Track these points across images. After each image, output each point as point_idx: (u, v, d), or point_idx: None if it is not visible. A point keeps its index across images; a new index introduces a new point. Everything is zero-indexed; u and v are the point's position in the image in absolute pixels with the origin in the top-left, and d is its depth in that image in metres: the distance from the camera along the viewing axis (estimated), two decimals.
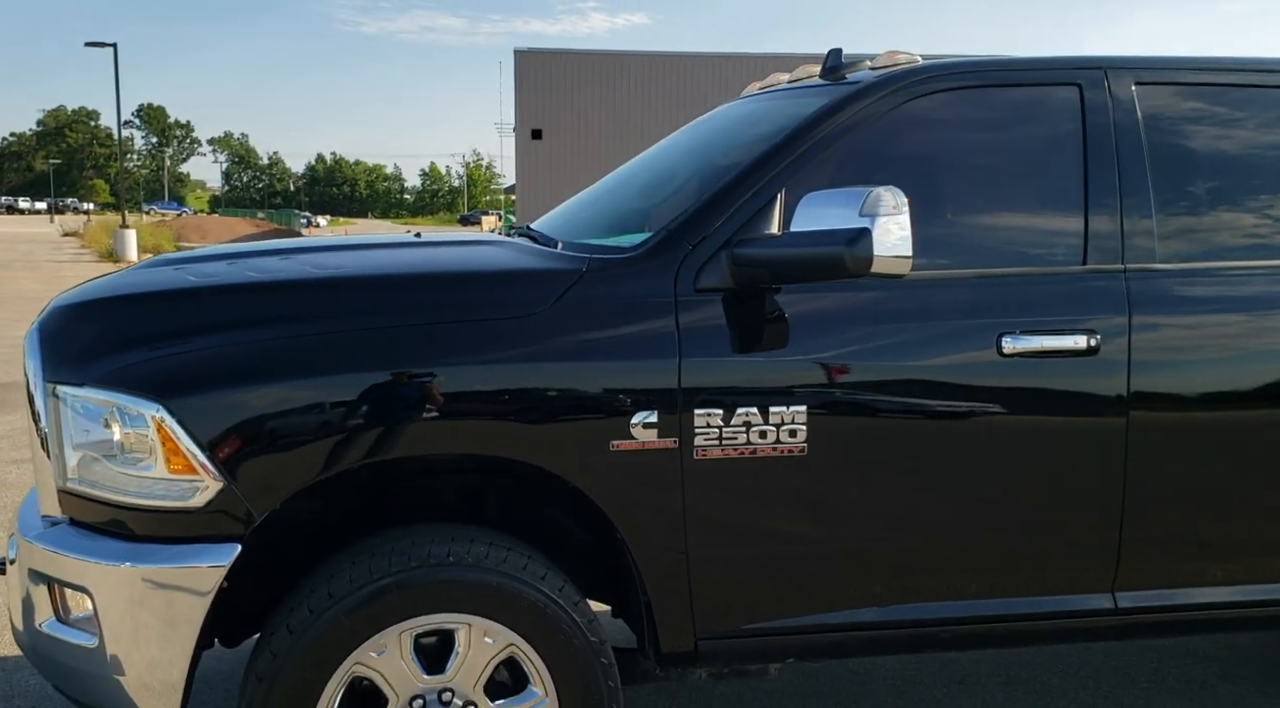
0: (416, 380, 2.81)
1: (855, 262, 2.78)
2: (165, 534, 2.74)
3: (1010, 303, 3.20)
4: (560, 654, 2.94)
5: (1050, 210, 3.38)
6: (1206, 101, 3.52)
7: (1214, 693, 4.30)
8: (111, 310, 2.98)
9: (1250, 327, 3.32)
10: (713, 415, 2.96)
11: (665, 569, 3.04)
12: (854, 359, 3.10)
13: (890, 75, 3.34)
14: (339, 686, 2.81)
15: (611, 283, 3.04)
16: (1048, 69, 3.46)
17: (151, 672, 2.75)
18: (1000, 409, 3.17)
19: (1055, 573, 3.30)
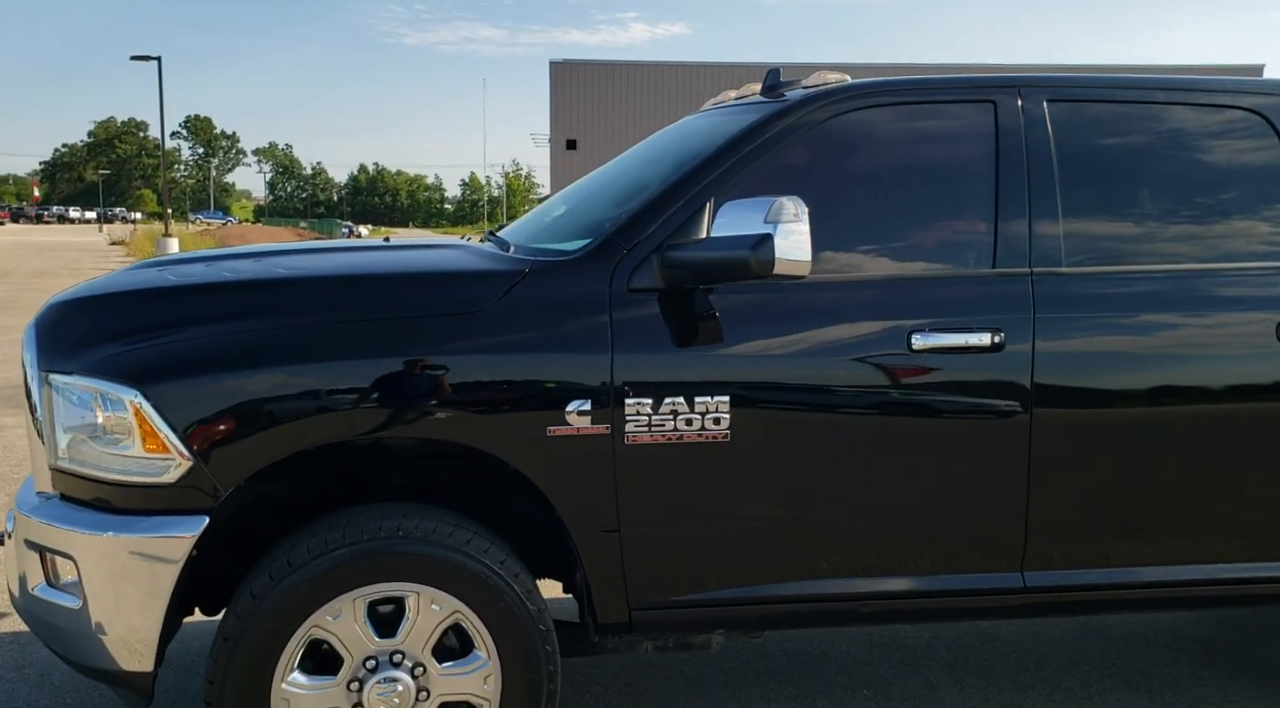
0: (366, 371, 3.11)
1: (759, 264, 3.06)
2: (142, 507, 3.06)
3: (921, 303, 3.46)
4: (502, 621, 3.22)
5: (963, 217, 3.65)
6: (1112, 117, 3.78)
7: (1151, 678, 4.53)
8: (98, 307, 3.30)
9: (1146, 325, 3.56)
10: (643, 404, 3.24)
11: (600, 546, 3.32)
12: (774, 354, 3.37)
13: (814, 94, 3.62)
14: (298, 645, 3.11)
15: (551, 283, 3.33)
16: (964, 87, 3.72)
17: (129, 631, 3.07)
18: (911, 401, 3.44)
19: (967, 553, 3.55)
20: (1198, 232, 3.75)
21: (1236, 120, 3.79)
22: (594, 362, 3.23)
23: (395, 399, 3.13)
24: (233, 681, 3.07)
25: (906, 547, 3.53)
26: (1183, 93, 3.83)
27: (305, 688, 3.13)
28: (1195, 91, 3.83)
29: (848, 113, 3.61)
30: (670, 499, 3.34)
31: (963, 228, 3.65)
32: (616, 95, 43.72)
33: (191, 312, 3.22)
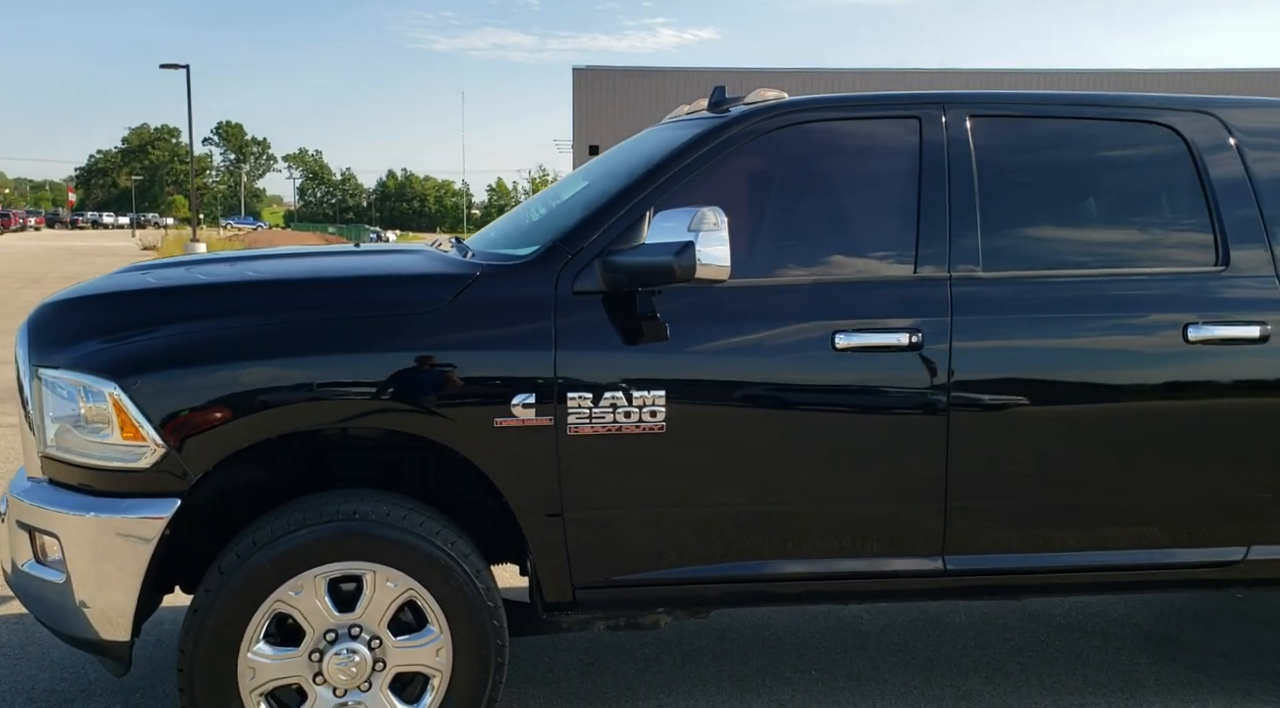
0: (323, 367, 3.39)
1: (682, 269, 3.34)
2: (120, 490, 3.35)
3: (845, 304, 3.72)
4: (453, 599, 3.50)
5: (888, 225, 3.90)
6: (1032, 132, 4.03)
7: (1088, 663, 4.76)
8: (83, 307, 3.61)
9: (1060, 326, 3.80)
10: (584, 398, 3.51)
11: (544, 530, 3.59)
12: (708, 352, 3.64)
13: (749, 110, 3.89)
14: (263, 618, 3.39)
15: (500, 286, 3.61)
16: (892, 104, 3.99)
17: (107, 603, 3.36)
18: (835, 396, 3.70)
19: (890, 538, 3.80)
20: (1111, 239, 4.01)
21: (1152, 135, 4.02)
22: (538, 358, 3.50)
23: (350, 392, 3.41)
24: (202, 650, 3.35)
25: (834, 532, 3.78)
26: (1100, 108, 4.08)
27: (269, 658, 3.41)
28: (1112, 107, 4.08)
29: (781, 128, 3.87)
30: (610, 486, 3.60)
31: (887, 235, 3.90)
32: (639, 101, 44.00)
33: (167, 312, 3.51)
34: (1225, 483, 3.87)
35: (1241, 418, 3.84)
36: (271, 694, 3.46)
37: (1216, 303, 3.84)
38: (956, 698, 4.39)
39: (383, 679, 3.50)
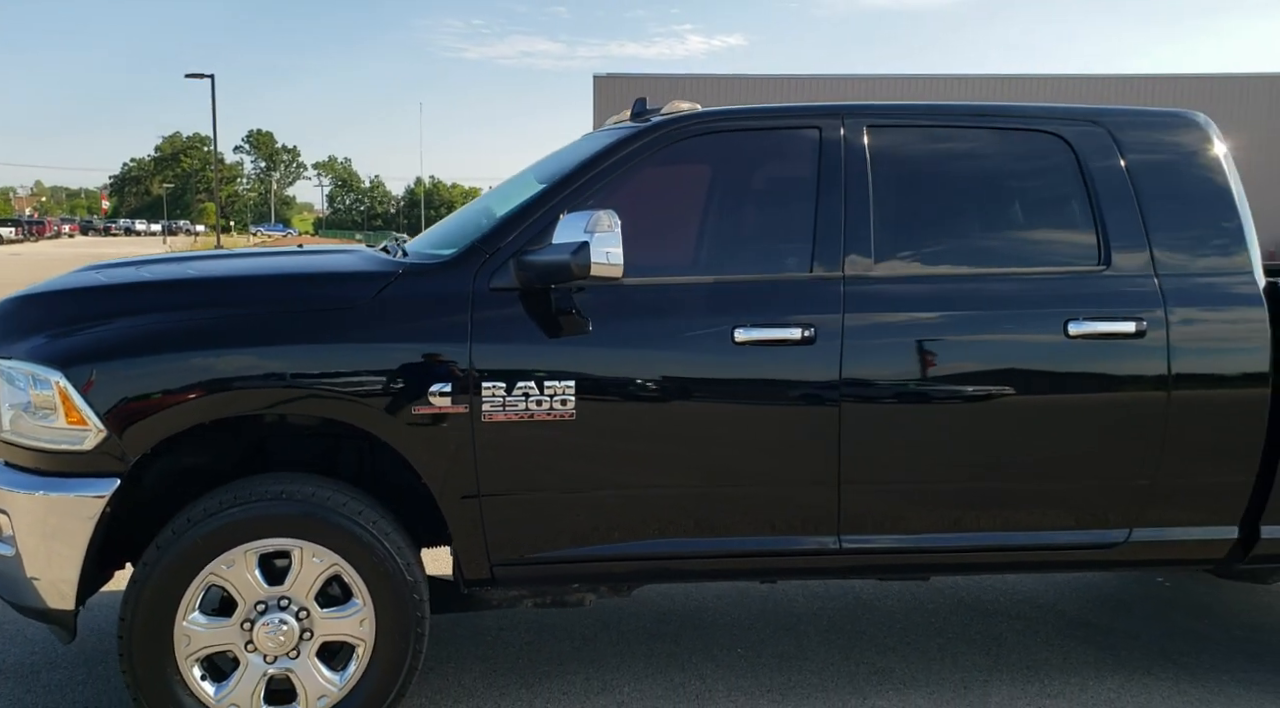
0: (252, 358, 3.69)
1: (578, 267, 3.62)
2: (65, 471, 3.65)
3: (745, 301, 3.98)
4: (374, 574, 3.78)
5: (787, 227, 4.17)
6: (926, 140, 4.29)
7: (1002, 643, 5.01)
8: (36, 303, 3.92)
9: (948, 322, 4.05)
10: (498, 387, 3.79)
11: (462, 510, 3.88)
12: (617, 344, 3.91)
13: (661, 121, 4.16)
14: (197, 590, 3.68)
15: (421, 283, 3.90)
16: (793, 115, 4.26)
17: (54, 575, 3.66)
18: (735, 386, 3.96)
19: (789, 519, 4.06)
20: (1001, 240, 4.26)
21: (1042, 143, 4.27)
22: (454, 350, 3.78)
23: (277, 381, 3.70)
24: (140, 619, 3.65)
25: (735, 512, 4.04)
26: (993, 118, 4.33)
27: (203, 627, 3.71)
28: (1004, 117, 4.33)
29: (690, 137, 4.15)
30: (522, 470, 3.88)
31: (787, 237, 4.17)
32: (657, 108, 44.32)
33: (111, 307, 3.82)
34: (1105, 470, 4.11)
35: (1119, 409, 4.08)
36: (207, 660, 3.75)
37: (1097, 300, 4.08)
38: (869, 673, 4.64)
39: (310, 648, 3.78)
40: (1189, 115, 4.39)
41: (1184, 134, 4.34)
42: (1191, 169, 4.28)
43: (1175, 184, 4.25)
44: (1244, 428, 4.12)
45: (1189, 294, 4.10)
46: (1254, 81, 43.18)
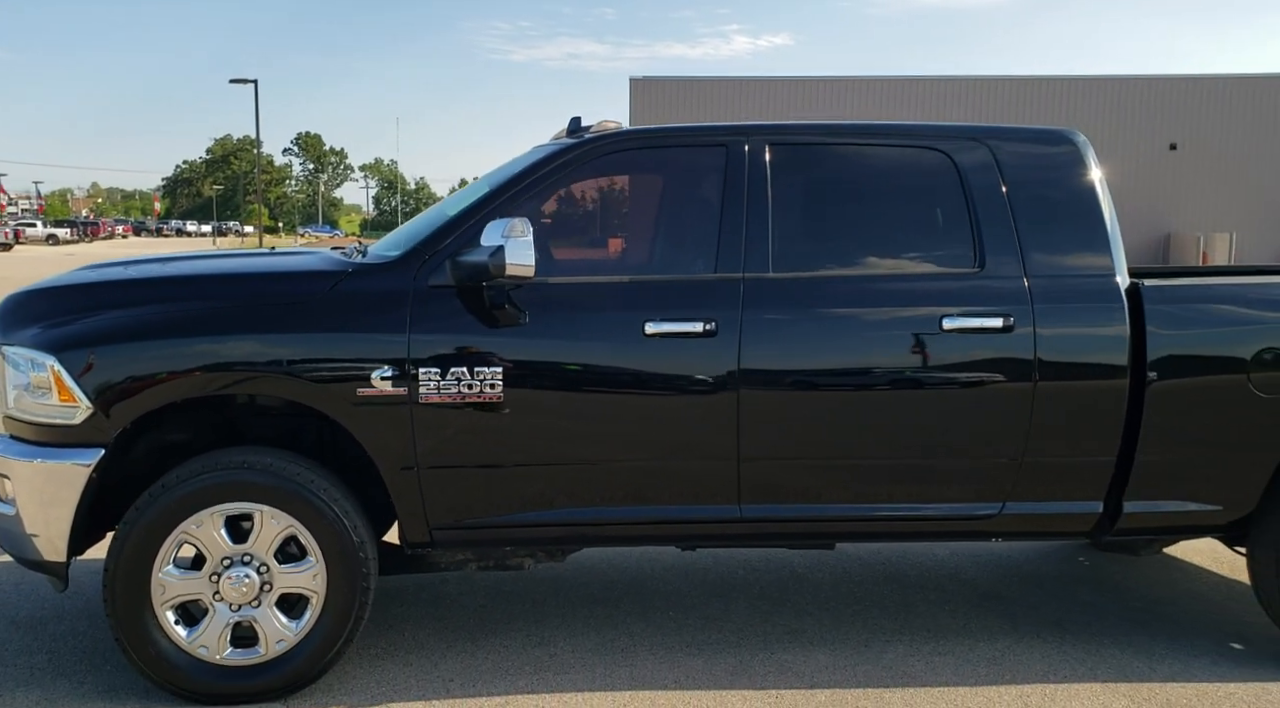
0: (218, 344, 4.28)
1: (495, 267, 4.18)
2: (58, 442, 4.26)
3: (655, 298, 4.52)
4: (325, 534, 4.35)
5: (695, 234, 4.71)
6: (822, 157, 4.82)
7: (913, 611, 5.52)
8: (37, 297, 4.52)
9: (836, 317, 4.57)
10: (433, 372, 4.35)
11: (402, 480, 4.44)
12: (541, 335, 4.45)
13: (586, 139, 4.71)
14: (171, 546, 4.26)
15: (368, 281, 4.47)
16: (704, 134, 4.81)
17: (48, 530, 4.26)
18: (646, 374, 4.50)
19: (696, 490, 4.58)
20: (888, 245, 4.76)
21: (928, 159, 4.77)
22: (395, 340, 4.35)
23: (239, 366, 4.28)
24: (121, 571, 4.24)
25: (649, 484, 4.57)
26: (882, 136, 4.86)
27: (176, 578, 4.29)
28: (894, 136, 4.85)
29: (610, 153, 4.70)
30: (455, 445, 4.43)
31: (694, 241, 4.71)
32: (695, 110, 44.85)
33: (99, 301, 4.43)
34: (979, 450, 4.61)
35: (988, 395, 4.58)
36: (181, 607, 4.33)
37: (970, 299, 4.58)
38: (783, 633, 5.16)
39: (270, 598, 4.36)
40: (1065, 133, 4.89)
41: (1059, 151, 4.84)
42: (1063, 182, 4.77)
43: (1047, 196, 4.74)
44: (1105, 413, 4.60)
45: (1055, 293, 4.59)
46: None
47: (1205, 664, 4.85)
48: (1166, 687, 4.61)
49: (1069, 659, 4.88)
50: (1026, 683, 4.63)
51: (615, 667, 4.75)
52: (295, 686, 4.41)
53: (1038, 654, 4.94)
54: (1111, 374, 4.59)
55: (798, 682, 4.62)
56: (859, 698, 4.46)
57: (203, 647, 4.31)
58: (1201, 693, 4.55)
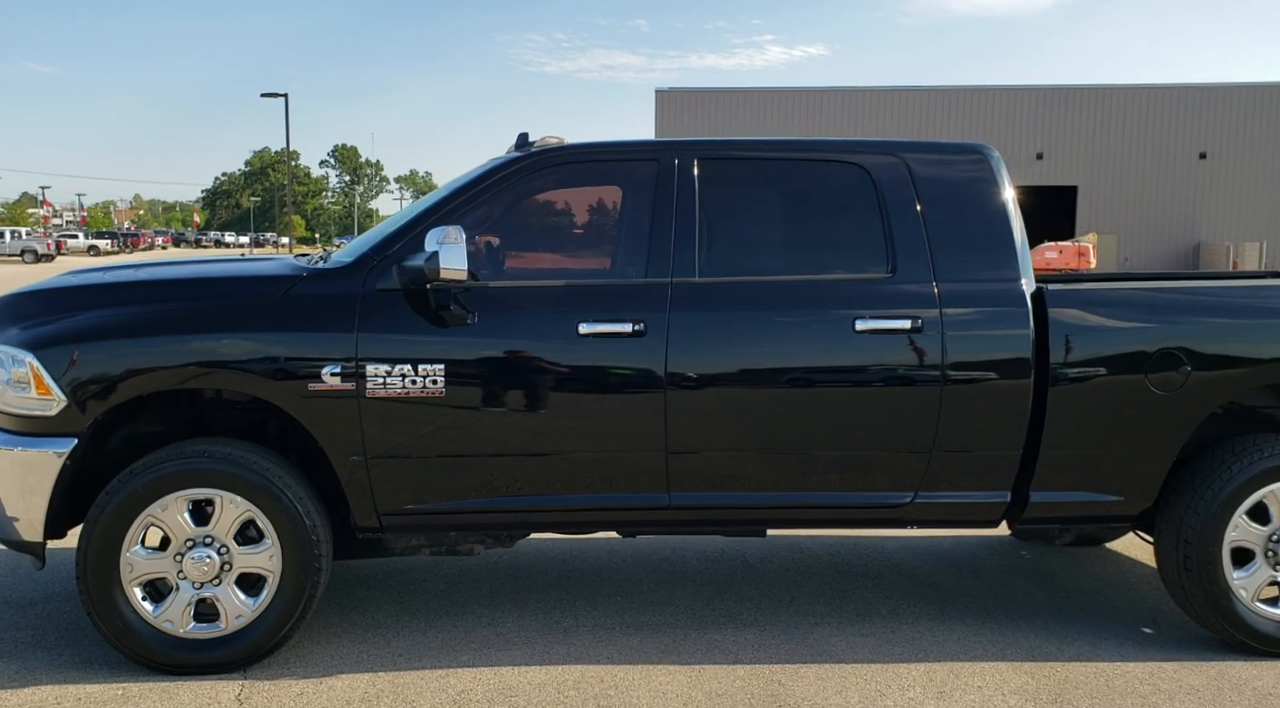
0: (181, 343, 4.66)
1: (430, 271, 4.55)
2: (36, 432, 4.65)
3: (588, 300, 4.87)
4: (281, 519, 4.72)
5: (628, 241, 5.06)
6: (747, 170, 5.18)
7: (848, 596, 5.83)
8: (19, 300, 4.93)
9: (757, 319, 4.90)
10: (379, 369, 4.71)
11: (351, 469, 4.81)
12: (481, 334, 4.80)
13: (526, 153, 5.08)
14: (139, 529, 4.65)
15: (320, 285, 4.85)
16: (637, 149, 5.16)
17: (26, 513, 4.66)
18: (579, 371, 4.84)
19: (627, 478, 4.92)
20: (807, 252, 5.10)
21: (846, 172, 5.10)
22: (344, 339, 4.72)
23: (199, 363, 4.66)
24: (92, 551, 4.62)
25: (583, 474, 4.91)
26: (804, 150, 5.20)
27: (143, 558, 4.68)
28: (814, 150, 5.19)
29: (548, 167, 5.06)
30: (400, 437, 4.79)
31: (627, 248, 5.06)
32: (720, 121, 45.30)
33: (76, 303, 4.83)
34: (891, 442, 4.93)
35: (899, 392, 4.90)
36: (149, 585, 4.72)
37: (881, 302, 4.90)
38: (719, 616, 5.50)
39: (230, 577, 4.74)
40: (978, 147, 5.21)
41: (971, 164, 5.16)
42: (972, 193, 5.09)
43: (957, 205, 5.06)
44: (1010, 409, 4.91)
45: (963, 297, 4.91)
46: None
47: (1112, 646, 5.14)
48: (1068, 666, 4.90)
49: (984, 641, 5.19)
50: (937, 661, 4.93)
51: (555, 645, 5.10)
52: (253, 658, 4.78)
53: (955, 637, 5.24)
54: (1016, 373, 4.90)
55: (722, 658, 4.95)
56: (775, 673, 4.78)
57: (168, 621, 4.69)
58: (1099, 671, 4.84)
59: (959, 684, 4.69)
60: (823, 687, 4.65)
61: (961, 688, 4.65)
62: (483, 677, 4.73)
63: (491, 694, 4.55)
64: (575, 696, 4.54)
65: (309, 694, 4.52)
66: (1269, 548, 4.97)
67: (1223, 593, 4.94)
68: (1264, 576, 4.99)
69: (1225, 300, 5.09)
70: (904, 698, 4.54)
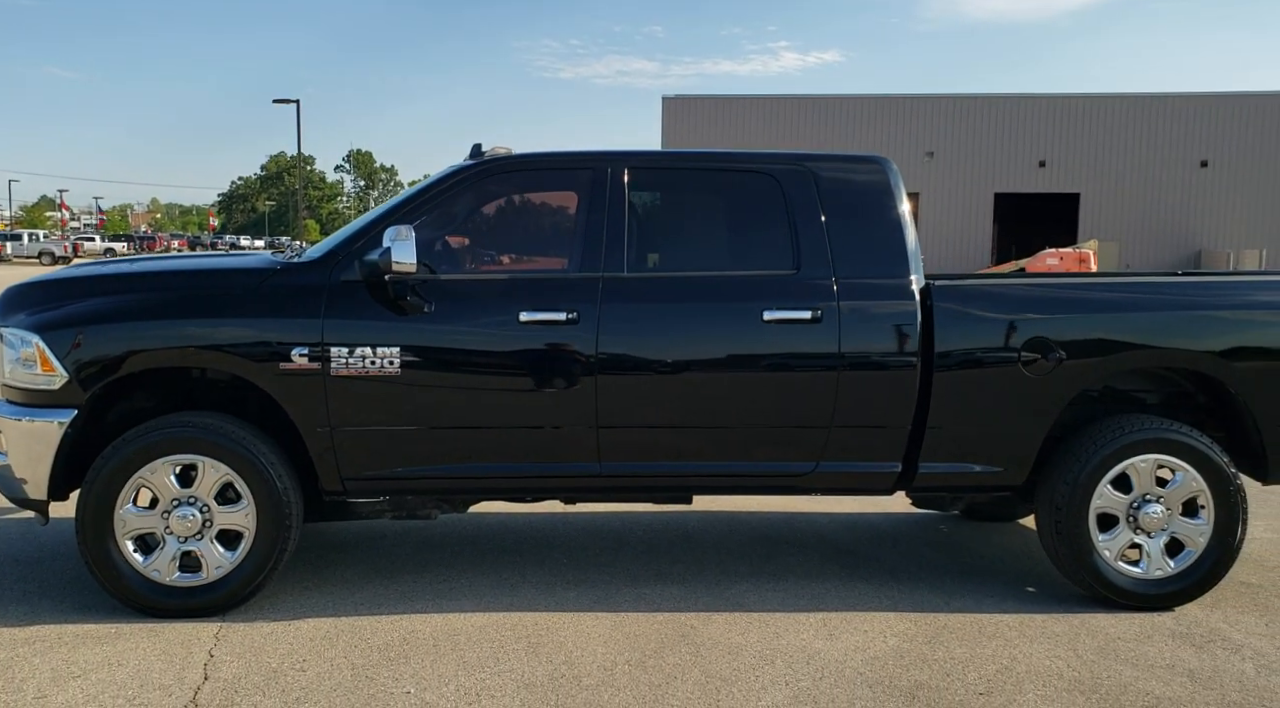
0: (166, 327, 5.34)
1: (384, 265, 5.23)
2: (41, 403, 5.34)
3: (527, 293, 5.54)
4: (255, 482, 5.39)
5: (564, 240, 5.74)
6: (670, 178, 5.86)
7: (768, 559, 6.47)
8: (27, 289, 5.62)
9: (677, 310, 5.56)
10: (343, 351, 5.38)
11: (318, 438, 5.48)
12: (433, 321, 5.46)
13: (476, 162, 5.75)
14: (131, 490, 5.33)
15: (291, 277, 5.53)
16: (574, 159, 5.83)
17: (33, 474, 5.34)
18: (518, 354, 5.50)
19: (562, 449, 5.58)
20: (722, 251, 5.77)
21: (758, 181, 5.76)
22: (311, 324, 5.39)
23: (187, 344, 5.34)
24: (90, 507, 5.30)
25: (523, 445, 5.57)
26: (723, 161, 5.88)
27: (134, 515, 5.36)
28: (731, 161, 5.88)
29: (495, 174, 5.74)
30: (361, 410, 5.46)
31: (564, 247, 5.73)
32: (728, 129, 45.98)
33: (76, 291, 5.51)
34: (795, 418, 5.58)
35: (804, 373, 5.55)
36: (139, 539, 5.40)
37: (787, 295, 5.55)
38: (650, 575, 6.16)
39: (211, 533, 5.41)
40: (875, 158, 5.87)
41: (869, 173, 5.82)
42: (869, 198, 5.75)
43: (855, 209, 5.72)
44: (900, 389, 5.56)
45: (858, 291, 5.57)
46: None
47: (994, 601, 5.78)
48: (949, 615, 5.55)
49: (881, 596, 5.83)
50: (834, 611, 5.58)
51: (500, 596, 5.76)
52: (231, 604, 5.46)
53: (857, 593, 5.89)
54: (905, 357, 5.55)
55: (646, 608, 5.60)
56: (690, 619, 5.44)
57: (156, 570, 5.36)
58: (975, 620, 5.49)
59: (848, 628, 5.33)
60: (728, 630, 5.30)
61: (849, 631, 5.29)
62: (431, 621, 5.39)
63: (436, 634, 5.20)
64: (510, 635, 5.19)
65: (278, 634, 5.19)
66: (1130, 514, 5.60)
67: (1088, 552, 5.59)
68: (1125, 538, 5.62)
69: (1086, 295, 5.73)
70: (797, 639, 5.19)
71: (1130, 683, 4.72)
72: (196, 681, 4.63)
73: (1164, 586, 5.63)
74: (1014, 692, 4.62)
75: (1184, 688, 4.68)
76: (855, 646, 5.12)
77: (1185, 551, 5.65)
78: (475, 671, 4.78)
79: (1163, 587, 5.63)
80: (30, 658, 4.85)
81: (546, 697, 4.52)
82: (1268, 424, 5.65)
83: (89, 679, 4.63)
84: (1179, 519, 5.63)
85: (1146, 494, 5.61)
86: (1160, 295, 5.75)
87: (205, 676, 4.68)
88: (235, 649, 4.99)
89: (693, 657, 4.96)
